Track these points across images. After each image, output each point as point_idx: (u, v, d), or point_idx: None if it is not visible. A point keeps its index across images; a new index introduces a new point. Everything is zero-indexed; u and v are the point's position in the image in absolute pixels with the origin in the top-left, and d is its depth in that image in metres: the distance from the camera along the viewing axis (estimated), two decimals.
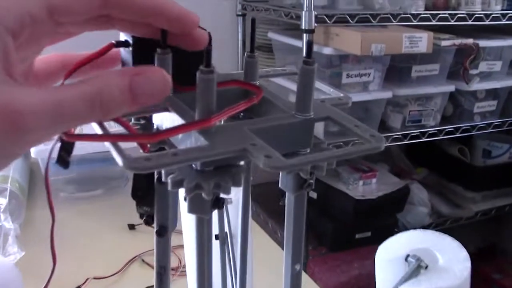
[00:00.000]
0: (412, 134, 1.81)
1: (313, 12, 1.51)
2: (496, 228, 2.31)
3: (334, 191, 1.78)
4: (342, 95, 0.40)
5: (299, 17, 1.56)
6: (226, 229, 0.67)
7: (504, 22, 1.88)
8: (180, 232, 0.70)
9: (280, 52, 1.86)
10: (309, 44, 0.33)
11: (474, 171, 2.14)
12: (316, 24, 1.53)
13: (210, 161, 0.31)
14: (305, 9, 1.52)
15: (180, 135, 0.33)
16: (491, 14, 1.84)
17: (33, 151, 1.09)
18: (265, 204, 1.97)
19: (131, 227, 1.07)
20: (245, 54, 0.38)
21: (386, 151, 2.14)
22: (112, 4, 0.30)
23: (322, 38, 1.63)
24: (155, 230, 0.39)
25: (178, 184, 0.31)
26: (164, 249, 0.39)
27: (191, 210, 0.33)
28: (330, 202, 1.80)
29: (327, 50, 1.60)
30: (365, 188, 1.81)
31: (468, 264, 0.55)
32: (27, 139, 0.26)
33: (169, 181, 0.31)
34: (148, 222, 0.40)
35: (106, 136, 0.30)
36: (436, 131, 1.86)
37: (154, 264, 0.40)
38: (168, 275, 0.41)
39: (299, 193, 0.36)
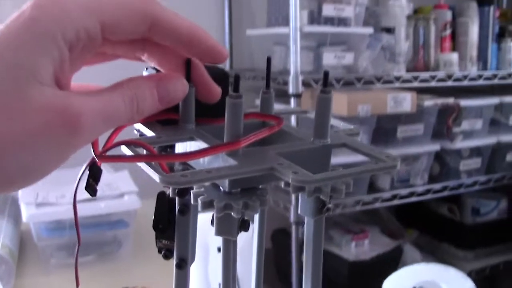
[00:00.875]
0: (401, 194, 1.83)
1: (300, 76, 1.56)
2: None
3: (328, 254, 1.77)
4: (352, 127, 0.42)
5: (286, 83, 1.60)
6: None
7: (480, 82, 1.95)
8: None
9: None
10: (325, 75, 0.35)
11: (465, 229, 2.15)
12: (303, 88, 1.57)
13: (238, 182, 0.32)
14: (292, 74, 1.56)
15: (207, 159, 0.34)
16: (468, 75, 1.91)
17: (25, 215, 1.07)
18: None
19: None
20: (261, 91, 0.40)
21: (376, 214, 2.15)
22: (158, 28, 0.32)
23: (310, 102, 1.67)
24: (175, 263, 0.39)
25: (207, 205, 0.32)
26: (183, 283, 0.39)
27: (219, 232, 0.34)
28: (324, 266, 1.78)
29: (313, 114, 1.63)
30: (358, 249, 1.81)
31: None
32: (81, 139, 0.29)
33: (199, 202, 0.32)
34: (167, 256, 0.40)
35: (139, 156, 0.32)
36: (424, 191, 1.88)
37: None
38: None
39: (318, 217, 0.37)
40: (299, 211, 0.38)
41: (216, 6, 1.96)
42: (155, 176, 0.29)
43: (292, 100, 1.58)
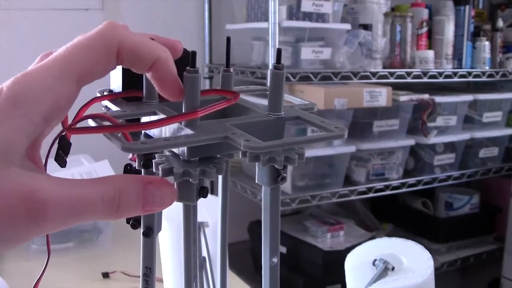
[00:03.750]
0: (377, 188, 1.87)
1: None
2: (462, 279, 2.35)
3: (303, 244, 1.80)
4: (308, 102, 0.44)
5: (265, 77, 1.63)
6: (204, 253, 0.69)
7: (455, 79, 2.01)
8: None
9: None
10: (278, 52, 0.37)
11: (438, 223, 2.21)
12: None
13: (195, 151, 0.34)
14: (270, 68, 1.59)
15: (168, 132, 0.36)
16: (443, 72, 1.96)
17: None
18: (236, 264, 1.97)
19: (105, 275, 1.07)
20: (222, 69, 0.42)
21: (352, 208, 2.19)
22: (123, 58, 0.32)
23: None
24: (141, 231, 0.41)
25: (167, 171, 0.34)
26: (150, 250, 0.41)
27: (179, 198, 0.36)
28: (299, 256, 1.82)
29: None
30: (333, 240, 1.84)
31: (431, 263, 0.59)
32: (45, 227, 0.28)
33: (159, 169, 0.34)
34: (135, 226, 0.42)
35: (105, 127, 0.33)
36: (399, 184, 1.92)
37: (140, 266, 0.42)
38: (153, 276, 0.42)
39: (274, 186, 0.39)
40: (256, 180, 0.40)
41: (196, 1, 1.98)
42: (117, 144, 0.31)
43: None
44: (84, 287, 1.05)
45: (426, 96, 1.86)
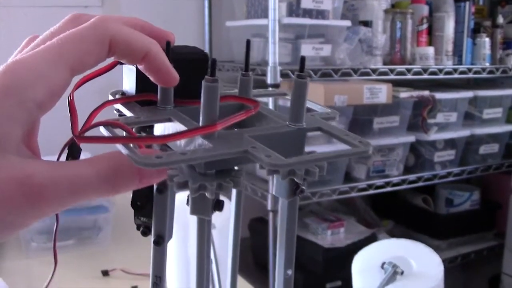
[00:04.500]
0: (377, 184, 1.87)
1: (278, 67, 1.59)
2: (463, 276, 2.34)
3: (303, 241, 1.80)
4: (329, 111, 0.42)
5: (264, 74, 1.63)
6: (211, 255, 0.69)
7: (456, 76, 2.00)
8: None
9: None
10: (302, 60, 0.36)
11: (439, 219, 2.20)
12: (281, 79, 1.60)
13: (213, 164, 0.33)
14: (270, 65, 1.59)
15: (183, 141, 0.35)
16: (444, 68, 1.96)
17: None
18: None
19: (105, 273, 1.07)
20: (240, 74, 0.40)
21: (352, 205, 2.19)
22: (116, 50, 0.33)
23: (288, 92, 1.70)
24: (152, 239, 0.40)
25: (182, 185, 0.33)
26: (160, 259, 0.40)
27: (193, 211, 0.35)
28: (299, 252, 1.81)
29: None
30: (334, 237, 1.84)
31: (441, 268, 0.58)
32: (44, 210, 0.29)
33: (174, 182, 0.33)
34: (145, 233, 0.41)
35: (117, 138, 0.32)
36: (399, 181, 1.92)
37: (150, 274, 0.41)
38: (163, 285, 0.41)
39: (292, 199, 0.38)
40: (274, 192, 0.38)
41: None
42: (131, 159, 0.30)
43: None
44: (83, 285, 1.05)
45: (426, 93, 1.86)
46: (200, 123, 0.33)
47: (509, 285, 2.15)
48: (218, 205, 0.35)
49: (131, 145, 0.31)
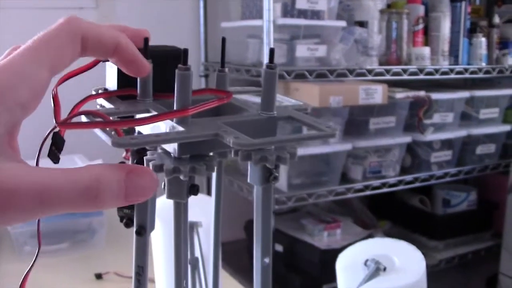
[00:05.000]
0: (374, 185, 1.87)
1: None
2: (460, 276, 2.34)
3: (300, 243, 1.80)
4: (302, 103, 0.44)
5: (260, 75, 1.62)
6: (197, 253, 0.69)
7: (452, 76, 2.00)
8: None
9: None
10: (271, 52, 0.37)
11: (436, 220, 2.20)
12: None
13: (186, 149, 0.34)
14: (263, 68, 1.58)
15: (160, 126, 0.36)
16: (440, 69, 1.96)
17: None
18: (233, 262, 1.96)
19: (98, 276, 1.06)
20: (217, 69, 0.42)
21: (349, 205, 2.19)
22: (87, 46, 0.33)
23: (283, 93, 1.69)
24: (134, 230, 0.41)
25: (158, 168, 0.34)
26: (142, 249, 0.41)
27: (169, 195, 0.36)
28: (296, 254, 1.81)
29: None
30: (330, 238, 1.84)
31: (423, 263, 0.58)
32: (11, 217, 0.27)
33: (150, 165, 0.34)
34: (128, 224, 0.42)
35: (96, 122, 0.33)
36: (396, 182, 1.92)
37: (133, 265, 0.42)
38: (146, 275, 0.42)
39: (266, 185, 0.39)
40: (248, 180, 0.40)
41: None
42: (107, 140, 0.31)
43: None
44: None
45: (422, 93, 1.86)
46: (174, 108, 0.35)
47: (506, 285, 2.14)
48: (193, 189, 0.37)
49: (109, 130, 0.33)
